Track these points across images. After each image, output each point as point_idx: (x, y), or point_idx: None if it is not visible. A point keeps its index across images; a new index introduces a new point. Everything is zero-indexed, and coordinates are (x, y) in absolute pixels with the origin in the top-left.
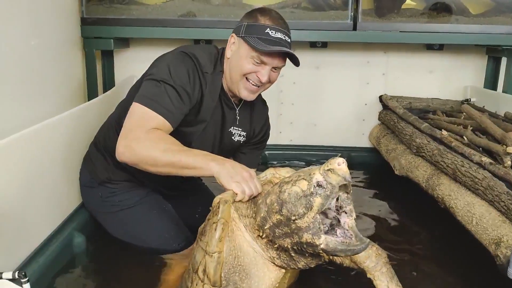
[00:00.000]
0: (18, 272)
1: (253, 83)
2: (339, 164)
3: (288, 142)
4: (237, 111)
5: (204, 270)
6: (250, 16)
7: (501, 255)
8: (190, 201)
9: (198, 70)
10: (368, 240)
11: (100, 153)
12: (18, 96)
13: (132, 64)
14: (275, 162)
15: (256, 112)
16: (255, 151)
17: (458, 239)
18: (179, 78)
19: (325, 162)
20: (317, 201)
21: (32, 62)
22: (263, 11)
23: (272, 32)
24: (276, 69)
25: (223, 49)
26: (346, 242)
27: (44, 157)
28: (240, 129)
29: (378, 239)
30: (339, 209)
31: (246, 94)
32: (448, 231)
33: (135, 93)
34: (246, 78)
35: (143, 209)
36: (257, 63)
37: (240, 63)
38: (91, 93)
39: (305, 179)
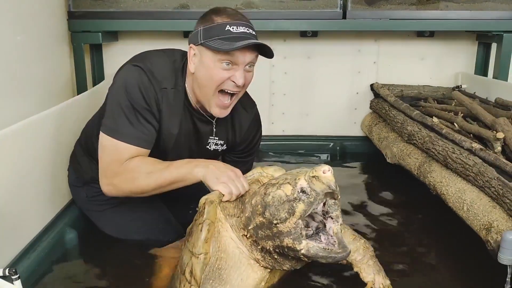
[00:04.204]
0: (9, 269)
1: (229, 90)
2: (325, 172)
3: (280, 132)
4: (213, 123)
5: (191, 272)
6: (205, 19)
7: (491, 240)
8: (183, 197)
9: (154, 86)
10: (350, 249)
11: (84, 153)
12: (5, 92)
13: (122, 58)
14: (268, 153)
15: (236, 118)
16: (242, 160)
17: (450, 226)
18: (137, 98)
19: (312, 167)
20: (300, 207)
21: (19, 58)
22: (217, 10)
23: (233, 28)
24: (250, 66)
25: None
26: (328, 249)
27: (33, 152)
28: (217, 138)
29: (370, 227)
30: (325, 214)
31: (218, 111)
32: (440, 218)
33: (109, 105)
34: (219, 91)
35: (130, 206)
36: (228, 66)
37: (209, 74)
38: (81, 88)
39: (290, 184)
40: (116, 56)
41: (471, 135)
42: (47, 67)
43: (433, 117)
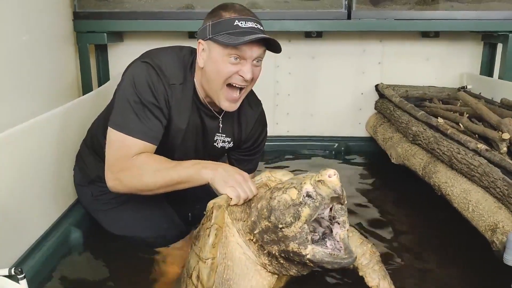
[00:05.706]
0: (15, 269)
1: (237, 85)
2: (330, 176)
3: (285, 133)
4: (220, 119)
5: (198, 276)
6: (213, 15)
7: (497, 241)
8: (189, 197)
9: (163, 82)
10: (356, 254)
11: (90, 152)
12: (10, 92)
13: (127, 58)
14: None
15: (242, 115)
16: (247, 158)
17: (455, 226)
18: (146, 94)
19: (318, 172)
20: (305, 211)
21: (24, 58)
22: (225, 6)
23: (241, 23)
24: (258, 61)
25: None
26: (334, 254)
27: (39, 152)
28: (224, 135)
29: (374, 228)
30: (332, 219)
31: (228, 105)
32: (445, 219)
33: (118, 103)
34: (227, 85)
35: (135, 205)
36: (236, 60)
37: (218, 69)
38: (86, 88)
39: (296, 188)
40: (121, 56)
41: (477, 135)
42: (53, 68)
43: (438, 117)
